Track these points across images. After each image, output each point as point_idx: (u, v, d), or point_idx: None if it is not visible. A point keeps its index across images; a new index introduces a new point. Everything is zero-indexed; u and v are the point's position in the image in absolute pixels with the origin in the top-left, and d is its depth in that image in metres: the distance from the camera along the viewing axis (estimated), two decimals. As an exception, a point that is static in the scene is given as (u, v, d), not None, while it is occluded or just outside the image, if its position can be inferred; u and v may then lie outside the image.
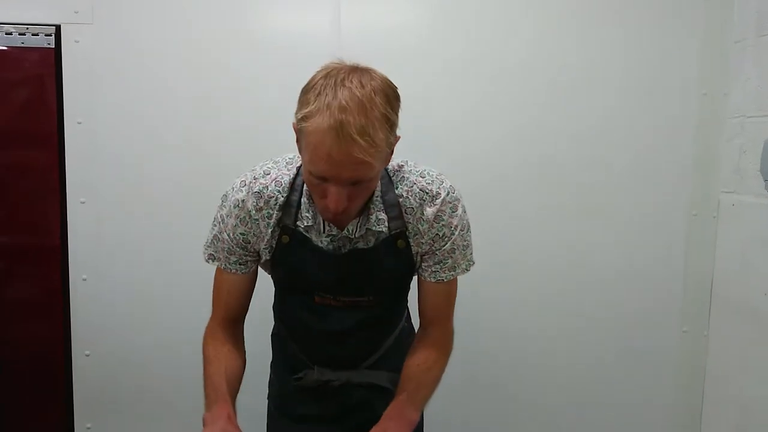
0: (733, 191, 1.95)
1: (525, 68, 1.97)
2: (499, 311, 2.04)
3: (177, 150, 1.92)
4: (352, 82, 0.97)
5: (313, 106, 0.97)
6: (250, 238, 1.18)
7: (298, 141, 1.06)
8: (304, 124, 0.98)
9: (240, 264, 1.22)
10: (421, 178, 1.16)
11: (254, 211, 1.15)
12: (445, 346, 1.27)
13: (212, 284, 1.27)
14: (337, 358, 1.28)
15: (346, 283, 1.20)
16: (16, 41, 1.86)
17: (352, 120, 0.94)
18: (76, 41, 1.87)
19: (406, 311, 1.41)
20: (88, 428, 1.98)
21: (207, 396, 1.16)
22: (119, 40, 1.89)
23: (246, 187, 1.15)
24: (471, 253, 1.24)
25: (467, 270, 1.24)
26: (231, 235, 1.18)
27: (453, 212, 1.16)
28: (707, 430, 2.06)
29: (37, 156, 1.91)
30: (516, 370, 2.07)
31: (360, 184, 1.02)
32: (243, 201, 1.15)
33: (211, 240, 1.22)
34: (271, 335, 1.43)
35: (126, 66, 1.90)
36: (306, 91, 1.01)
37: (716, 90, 1.99)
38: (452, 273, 1.21)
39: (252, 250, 1.20)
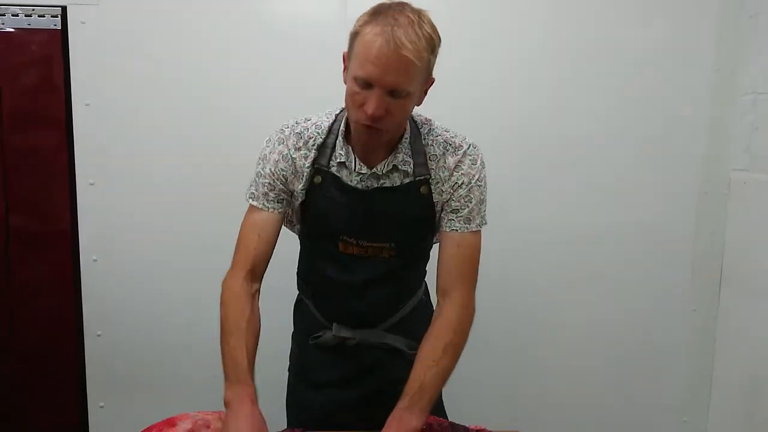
0: (745, 169, 1.93)
1: (539, 49, 1.96)
2: (511, 291, 2.04)
3: (185, 130, 1.92)
4: (404, 8, 1.11)
5: (368, 18, 1.11)
6: (288, 176, 1.26)
7: (346, 62, 1.16)
8: (359, 30, 1.11)
9: (277, 202, 1.28)
10: (446, 132, 1.28)
11: (293, 150, 1.25)
12: (461, 323, 1.22)
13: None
14: (355, 313, 1.33)
15: (371, 224, 1.26)
16: (23, 23, 1.86)
17: (402, 31, 1.07)
18: (83, 22, 1.86)
19: (424, 285, 1.45)
20: (101, 407, 2.01)
21: (228, 372, 1.17)
22: (125, 21, 1.88)
23: (288, 129, 1.27)
24: (485, 211, 1.29)
25: (479, 227, 1.27)
26: (273, 169, 1.26)
27: (472, 164, 1.25)
28: (716, 409, 2.07)
29: (46, 138, 1.92)
30: (524, 355, 2.08)
31: (398, 96, 1.10)
32: (286, 138, 1.26)
33: (254, 178, 1.29)
34: (294, 306, 1.48)
35: (133, 47, 1.89)
36: (362, 15, 1.14)
37: (729, 67, 1.96)
38: (467, 226, 1.25)
39: (289, 188, 1.28)
